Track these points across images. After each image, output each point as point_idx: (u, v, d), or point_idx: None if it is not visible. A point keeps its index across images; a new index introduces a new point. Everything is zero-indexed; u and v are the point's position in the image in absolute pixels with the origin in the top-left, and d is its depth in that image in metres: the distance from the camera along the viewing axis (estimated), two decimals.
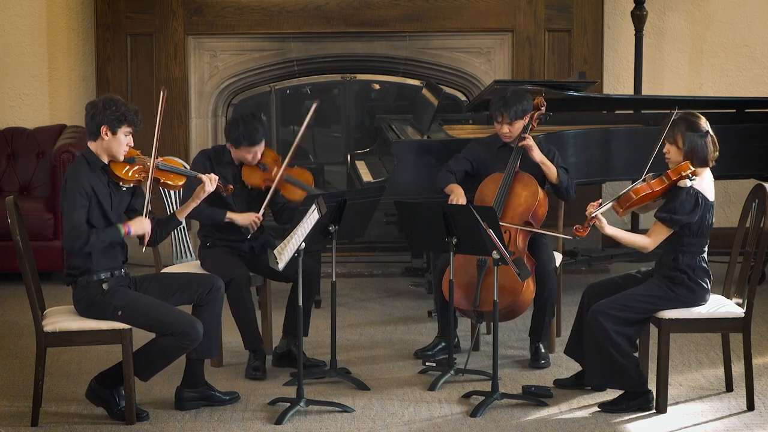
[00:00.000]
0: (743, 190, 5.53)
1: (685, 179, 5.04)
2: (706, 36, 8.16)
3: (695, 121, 5.12)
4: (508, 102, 5.90)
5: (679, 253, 5.13)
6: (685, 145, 5.09)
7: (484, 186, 5.94)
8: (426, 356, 5.94)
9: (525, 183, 5.86)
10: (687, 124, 5.11)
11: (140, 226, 5.07)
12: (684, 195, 5.05)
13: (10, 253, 5.43)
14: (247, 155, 5.77)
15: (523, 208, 5.81)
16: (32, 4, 8.01)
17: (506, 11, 7.90)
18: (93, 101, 5.10)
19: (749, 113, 7.27)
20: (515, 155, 5.90)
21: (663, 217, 5.08)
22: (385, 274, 7.75)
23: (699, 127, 5.11)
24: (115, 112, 5.00)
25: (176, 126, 7.93)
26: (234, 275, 5.61)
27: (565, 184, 5.93)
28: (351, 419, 5.16)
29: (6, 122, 8.07)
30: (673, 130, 5.12)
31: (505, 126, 5.92)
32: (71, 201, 4.95)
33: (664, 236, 5.10)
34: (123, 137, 5.04)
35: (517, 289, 5.60)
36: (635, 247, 5.16)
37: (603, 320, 5.10)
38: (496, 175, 5.92)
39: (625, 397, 5.23)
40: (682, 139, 5.10)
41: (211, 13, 7.87)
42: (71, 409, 5.27)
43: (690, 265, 5.13)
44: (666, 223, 5.07)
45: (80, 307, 5.09)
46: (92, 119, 5.02)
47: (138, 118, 5.06)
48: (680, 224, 5.06)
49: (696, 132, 5.10)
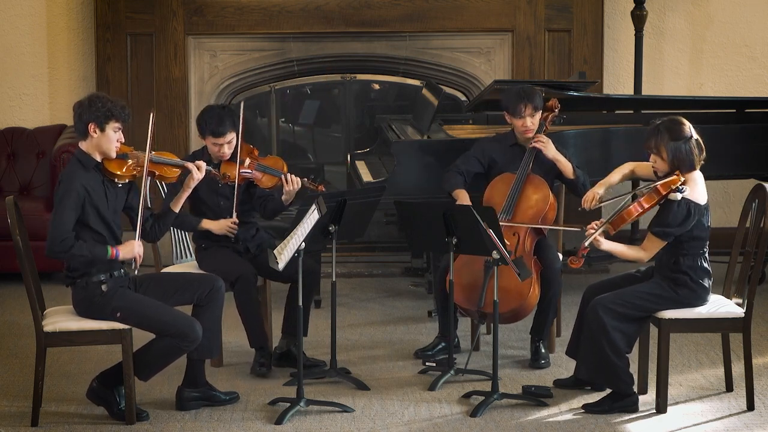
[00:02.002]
0: (743, 190, 5.53)
1: (675, 193, 5.00)
2: (706, 36, 8.16)
3: (677, 128, 5.06)
4: (530, 94, 5.86)
5: (679, 256, 5.12)
6: (670, 154, 5.05)
7: (494, 186, 5.91)
8: (426, 356, 5.94)
9: (536, 186, 5.84)
10: (669, 133, 5.05)
11: (129, 251, 5.01)
12: (675, 208, 5.01)
13: (10, 253, 5.42)
14: (213, 147, 5.73)
15: (534, 211, 5.79)
16: (32, 4, 8.01)
17: (506, 11, 7.90)
18: (79, 101, 5.06)
19: (749, 113, 7.26)
20: (528, 156, 5.88)
21: (656, 231, 5.06)
22: (385, 274, 7.75)
23: (681, 134, 5.05)
24: (101, 109, 4.97)
25: (176, 126, 7.93)
26: (241, 273, 5.61)
27: (582, 179, 5.91)
28: (351, 419, 5.16)
29: (6, 122, 8.07)
30: (657, 140, 5.06)
31: (528, 119, 5.85)
32: (61, 204, 4.92)
33: (659, 248, 5.09)
34: (112, 133, 5.00)
35: (524, 293, 5.59)
36: (631, 259, 5.15)
37: (602, 314, 5.09)
38: (507, 175, 5.89)
39: (609, 398, 5.22)
40: (665, 150, 5.04)
41: (211, 13, 7.87)
42: (71, 409, 5.27)
43: (691, 267, 5.13)
44: (659, 237, 5.06)
45: (80, 308, 5.09)
46: (80, 118, 5.00)
47: (125, 112, 5.02)
48: (674, 236, 5.05)
49: (679, 140, 5.05)
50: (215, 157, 5.75)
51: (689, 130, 5.08)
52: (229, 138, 5.68)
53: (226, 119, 5.66)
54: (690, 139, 5.06)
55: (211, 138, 5.69)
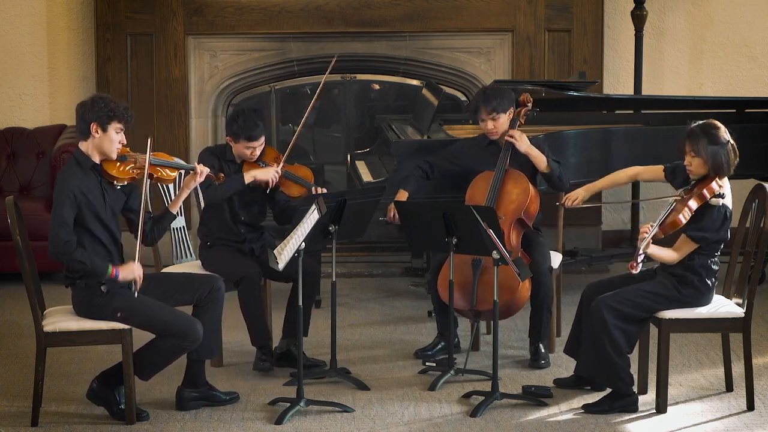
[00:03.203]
0: (743, 190, 5.53)
1: (717, 198, 5.02)
2: (706, 36, 8.16)
3: (716, 133, 5.07)
4: (487, 97, 5.89)
5: (695, 255, 5.11)
6: (710, 159, 5.04)
7: (475, 185, 5.93)
8: (426, 356, 5.94)
9: (516, 180, 5.85)
10: (708, 137, 5.06)
11: (129, 273, 5.01)
12: (715, 213, 5.04)
13: (10, 253, 5.42)
14: (245, 150, 5.77)
15: (515, 205, 5.81)
16: (32, 4, 8.01)
17: (506, 11, 7.90)
18: (82, 101, 5.07)
19: (749, 113, 7.27)
20: (504, 152, 5.89)
21: (695, 236, 5.05)
22: (385, 274, 7.75)
23: (720, 138, 5.07)
24: (103, 109, 4.97)
25: (176, 126, 7.93)
26: (246, 272, 5.62)
27: (557, 172, 5.91)
28: (351, 419, 5.16)
29: (6, 122, 8.07)
30: (696, 143, 5.06)
31: (489, 122, 5.89)
32: (59, 205, 4.92)
33: (691, 250, 5.10)
34: (114, 134, 5.00)
35: (514, 287, 5.60)
36: (664, 261, 5.13)
37: (605, 312, 5.09)
38: (486, 173, 5.92)
39: (609, 398, 5.22)
40: (705, 153, 5.04)
41: (211, 13, 7.87)
42: (71, 409, 5.27)
43: (704, 266, 5.13)
44: (696, 240, 5.06)
45: (80, 308, 5.08)
46: (82, 118, 5.00)
47: (128, 114, 5.02)
48: (708, 241, 5.06)
49: (717, 144, 5.06)
50: (242, 158, 5.79)
51: (725, 134, 5.09)
52: (262, 140, 5.78)
53: (260, 123, 5.75)
54: (727, 144, 5.07)
55: (245, 142, 5.74)
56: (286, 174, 5.84)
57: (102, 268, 4.95)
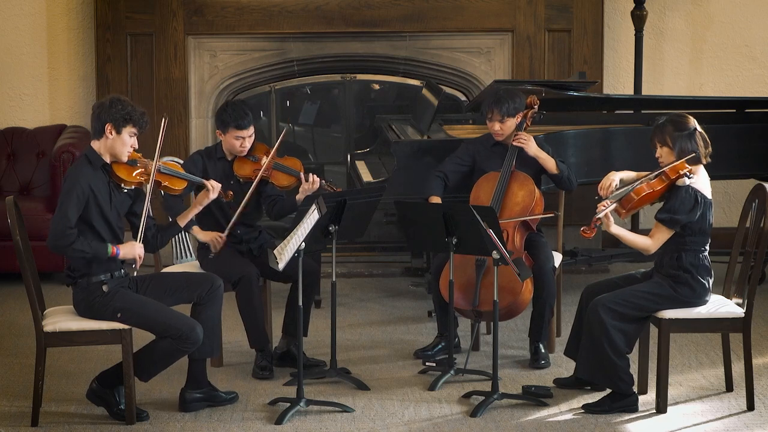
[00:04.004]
0: (743, 190, 5.54)
1: (683, 177, 5.04)
2: (706, 36, 8.16)
3: (681, 121, 5.13)
4: (500, 99, 5.90)
5: (681, 252, 5.13)
6: (676, 146, 5.09)
7: (480, 185, 5.93)
8: (426, 356, 5.94)
9: (521, 182, 5.86)
10: (673, 125, 5.11)
11: (130, 251, 5.03)
12: (683, 193, 5.05)
13: (10, 253, 5.43)
14: (234, 141, 5.74)
15: (520, 207, 5.81)
16: (32, 4, 8.01)
17: (506, 11, 7.90)
18: (100, 101, 5.12)
19: (749, 113, 7.27)
20: (510, 154, 5.90)
21: (663, 218, 5.07)
22: (385, 274, 7.75)
23: (686, 126, 5.11)
24: (120, 111, 5.00)
25: (176, 126, 7.92)
26: (244, 273, 5.62)
27: (565, 173, 5.92)
28: (351, 419, 5.16)
29: (6, 122, 8.07)
30: (662, 133, 5.12)
31: (497, 123, 5.91)
32: (67, 199, 4.93)
33: (666, 237, 5.10)
34: (127, 137, 5.03)
35: (516, 289, 5.60)
36: (638, 248, 5.15)
37: (603, 313, 5.10)
38: (491, 174, 5.92)
39: (609, 398, 5.23)
40: (671, 141, 5.09)
41: (211, 13, 7.87)
42: (71, 409, 5.27)
43: (693, 264, 5.13)
44: (666, 224, 5.07)
45: (80, 308, 5.09)
46: (98, 118, 5.03)
47: (144, 120, 5.06)
48: (681, 224, 5.06)
49: (683, 131, 5.10)
50: (233, 153, 5.78)
51: (693, 123, 5.13)
52: (251, 131, 5.76)
53: (248, 112, 5.74)
54: (695, 132, 5.10)
55: (235, 131, 5.72)
56: (275, 165, 5.82)
57: (102, 249, 4.97)
